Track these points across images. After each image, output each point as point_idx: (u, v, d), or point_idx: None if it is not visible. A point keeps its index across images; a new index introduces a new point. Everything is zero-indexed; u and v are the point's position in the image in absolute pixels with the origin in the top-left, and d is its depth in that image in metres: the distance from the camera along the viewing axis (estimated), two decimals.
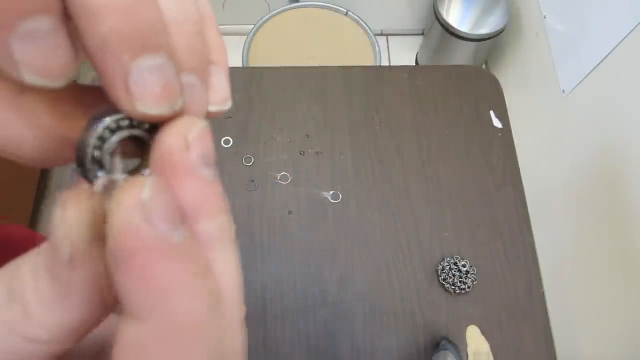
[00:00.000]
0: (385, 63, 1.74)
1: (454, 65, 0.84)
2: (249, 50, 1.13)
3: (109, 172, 0.11)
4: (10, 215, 1.30)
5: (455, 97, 0.79)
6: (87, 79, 1.00)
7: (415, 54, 1.77)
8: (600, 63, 0.97)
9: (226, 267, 0.12)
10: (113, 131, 0.11)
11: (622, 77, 0.91)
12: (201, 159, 0.11)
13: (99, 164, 0.11)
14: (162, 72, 0.10)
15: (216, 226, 0.12)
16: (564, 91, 1.11)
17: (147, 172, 0.11)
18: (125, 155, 0.11)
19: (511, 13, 1.40)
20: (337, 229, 0.69)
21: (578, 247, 1.08)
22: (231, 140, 0.74)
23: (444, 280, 0.65)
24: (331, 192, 0.71)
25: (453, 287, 0.64)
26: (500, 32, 1.39)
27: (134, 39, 0.10)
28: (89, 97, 0.12)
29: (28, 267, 0.11)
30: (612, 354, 0.95)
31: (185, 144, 0.11)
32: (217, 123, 0.75)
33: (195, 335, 0.10)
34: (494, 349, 0.63)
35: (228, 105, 0.14)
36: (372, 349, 0.63)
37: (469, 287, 0.64)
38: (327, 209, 0.70)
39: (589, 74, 1.00)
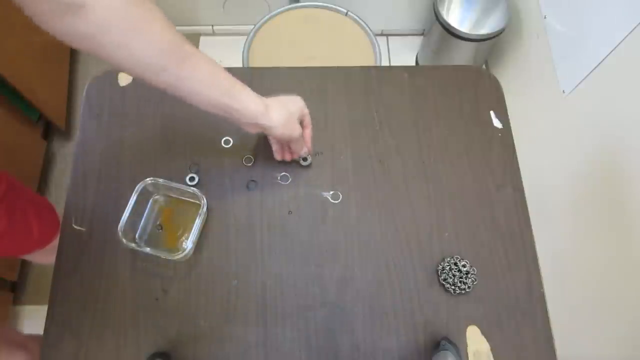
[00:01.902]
0: (385, 63, 1.74)
1: (454, 65, 0.84)
2: (249, 50, 1.13)
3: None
4: None
5: (455, 97, 0.79)
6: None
7: (415, 54, 1.77)
8: (600, 63, 0.97)
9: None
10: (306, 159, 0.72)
11: (622, 77, 0.91)
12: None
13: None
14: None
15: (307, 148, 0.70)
16: (564, 91, 1.11)
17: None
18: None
19: (511, 13, 1.40)
20: (337, 229, 0.69)
21: (578, 247, 1.08)
22: (231, 140, 0.74)
23: (444, 280, 0.65)
24: (331, 192, 0.71)
25: (453, 287, 0.64)
26: (500, 32, 1.39)
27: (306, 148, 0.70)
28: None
29: None
30: (612, 354, 0.95)
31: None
32: (218, 123, 0.75)
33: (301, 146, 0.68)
34: (494, 349, 0.63)
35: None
36: (372, 349, 0.63)
37: (469, 287, 0.64)
38: (327, 209, 0.70)
39: (589, 74, 1.00)
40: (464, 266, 0.65)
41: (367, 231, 0.69)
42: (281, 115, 0.59)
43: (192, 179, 0.71)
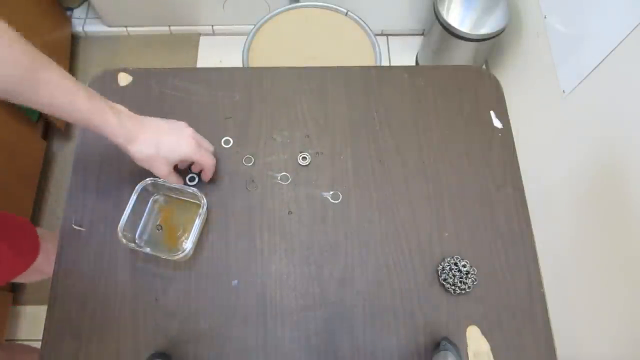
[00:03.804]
0: (385, 63, 1.74)
1: (454, 65, 0.84)
2: (249, 50, 1.13)
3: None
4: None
5: (455, 97, 0.79)
6: None
7: (415, 54, 1.77)
8: (600, 63, 0.97)
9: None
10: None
11: (622, 77, 0.91)
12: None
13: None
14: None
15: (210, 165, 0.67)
16: (564, 91, 1.11)
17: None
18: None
19: (511, 13, 1.40)
20: (337, 229, 0.69)
21: (578, 247, 1.08)
22: (231, 140, 0.74)
23: (444, 280, 0.65)
24: (331, 192, 0.71)
25: (453, 287, 0.64)
26: (500, 32, 1.39)
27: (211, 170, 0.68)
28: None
29: None
30: (612, 353, 0.95)
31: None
32: (217, 123, 0.75)
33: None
34: (494, 349, 0.63)
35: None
36: (372, 349, 0.63)
37: (469, 287, 0.64)
38: (327, 209, 0.70)
39: (589, 74, 1.00)
40: (464, 266, 0.65)
41: (367, 231, 0.69)
42: (142, 152, 0.58)
43: (192, 179, 0.71)
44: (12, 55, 0.46)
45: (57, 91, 0.51)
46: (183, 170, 0.70)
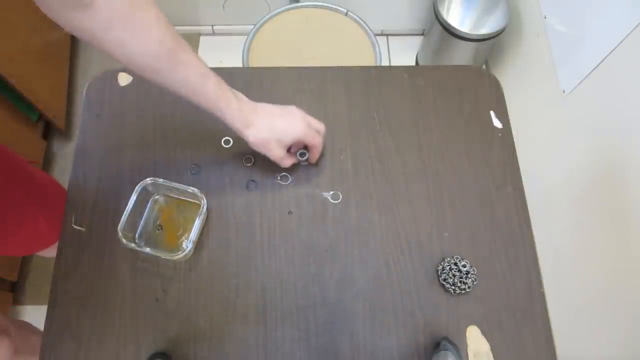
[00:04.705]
0: (385, 63, 1.74)
1: (454, 66, 0.84)
2: (249, 50, 1.13)
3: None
4: None
5: (455, 97, 0.79)
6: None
7: (415, 54, 1.77)
8: (600, 63, 0.97)
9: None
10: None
11: (622, 77, 0.91)
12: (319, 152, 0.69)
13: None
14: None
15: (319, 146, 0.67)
16: (564, 91, 1.11)
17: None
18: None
19: (511, 13, 1.40)
20: (337, 229, 0.69)
21: (578, 247, 1.08)
22: (231, 140, 0.74)
23: (444, 280, 0.65)
24: (331, 192, 0.71)
25: (453, 287, 0.64)
26: (500, 32, 1.39)
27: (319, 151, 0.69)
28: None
29: None
30: (612, 353, 0.95)
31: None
32: (218, 123, 0.75)
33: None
34: (494, 349, 0.63)
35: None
36: (372, 349, 0.63)
37: (469, 287, 0.64)
38: (327, 209, 0.70)
39: (589, 74, 1.00)
40: (464, 266, 0.65)
41: (367, 231, 0.69)
42: (259, 136, 0.61)
43: (302, 154, 0.69)
44: (158, 31, 0.50)
45: (192, 73, 0.54)
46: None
